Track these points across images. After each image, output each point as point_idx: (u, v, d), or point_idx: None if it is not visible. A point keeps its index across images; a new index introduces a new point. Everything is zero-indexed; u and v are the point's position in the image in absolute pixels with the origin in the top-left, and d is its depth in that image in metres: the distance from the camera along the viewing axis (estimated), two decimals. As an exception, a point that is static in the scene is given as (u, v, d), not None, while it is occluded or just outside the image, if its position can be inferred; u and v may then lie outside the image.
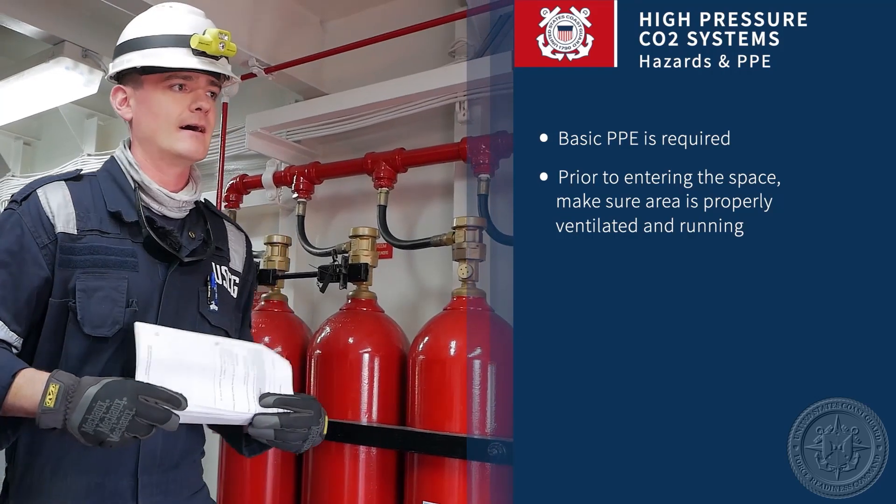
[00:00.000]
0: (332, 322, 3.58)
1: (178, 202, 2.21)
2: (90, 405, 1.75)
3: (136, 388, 1.79)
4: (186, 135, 2.16)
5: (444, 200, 4.05)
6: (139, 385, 1.81)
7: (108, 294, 2.04)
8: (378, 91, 3.88)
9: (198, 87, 2.17)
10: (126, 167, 2.19)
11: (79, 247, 2.05)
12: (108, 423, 1.74)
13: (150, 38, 2.16)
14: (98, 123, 6.24)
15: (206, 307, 2.22)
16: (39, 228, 2.04)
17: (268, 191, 4.42)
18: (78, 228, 2.07)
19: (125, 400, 1.76)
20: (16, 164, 6.80)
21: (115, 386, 1.79)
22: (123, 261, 2.08)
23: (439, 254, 3.87)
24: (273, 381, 2.06)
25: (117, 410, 1.75)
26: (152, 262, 2.13)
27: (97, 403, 1.75)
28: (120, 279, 2.06)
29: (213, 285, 2.26)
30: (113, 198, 2.14)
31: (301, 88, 4.51)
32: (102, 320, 2.02)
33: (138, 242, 2.11)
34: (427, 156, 3.81)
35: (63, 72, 4.69)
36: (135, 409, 1.76)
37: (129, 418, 1.75)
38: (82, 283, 2.02)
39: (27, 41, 4.71)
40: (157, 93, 2.15)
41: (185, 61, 2.13)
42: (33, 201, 2.08)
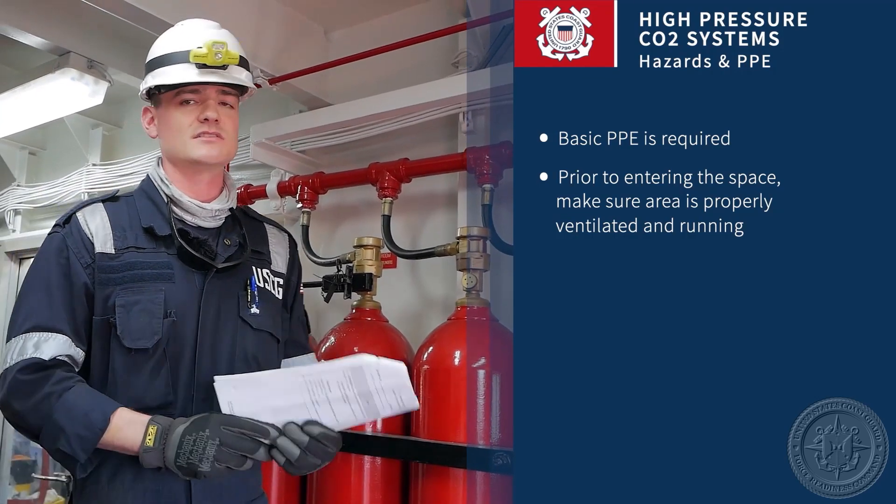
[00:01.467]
0: (336, 332, 3.58)
1: (210, 212, 2.27)
2: (180, 440, 1.92)
3: (219, 420, 1.94)
4: (199, 141, 2.21)
5: (447, 210, 4.05)
6: (222, 417, 1.95)
7: (145, 307, 2.11)
8: (382, 102, 3.89)
9: (207, 98, 2.22)
10: (158, 183, 2.27)
11: (116, 265, 2.14)
12: (197, 455, 1.90)
13: (161, 57, 2.24)
14: (103, 134, 6.24)
15: (247, 311, 2.27)
16: (82, 249, 2.15)
17: (272, 201, 4.41)
18: (115, 247, 2.16)
19: (208, 431, 1.91)
20: (21, 174, 6.80)
21: (200, 420, 1.95)
22: (159, 273, 2.16)
23: (443, 264, 3.87)
24: (381, 393, 2.01)
25: (202, 442, 1.90)
26: (189, 272, 2.20)
27: (186, 437, 1.91)
28: (157, 291, 2.14)
29: (253, 289, 2.31)
30: (147, 214, 2.23)
31: (305, 99, 4.51)
32: (141, 333, 2.10)
33: (173, 254, 2.19)
34: (431, 166, 3.81)
35: (69, 82, 4.72)
36: (218, 439, 1.90)
37: (215, 448, 1.90)
38: (121, 298, 2.11)
39: (33, 52, 4.73)
40: (171, 109, 2.23)
41: (184, 76, 2.19)
42: (74, 224, 2.19)
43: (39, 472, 6.14)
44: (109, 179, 5.84)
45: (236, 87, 2.27)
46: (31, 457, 6.29)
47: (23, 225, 6.75)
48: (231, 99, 2.27)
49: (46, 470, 6.05)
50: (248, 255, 2.32)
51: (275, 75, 4.16)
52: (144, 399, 2.08)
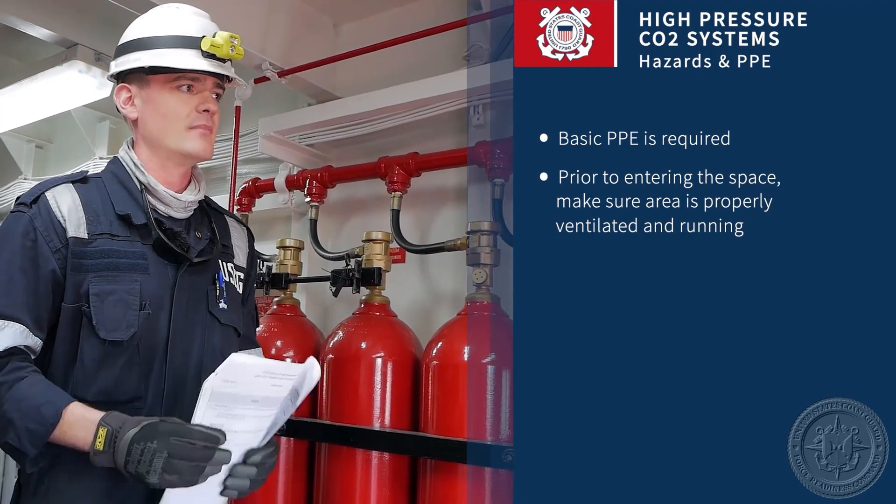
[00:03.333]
0: (344, 326, 3.58)
1: (183, 203, 2.21)
2: (128, 448, 1.81)
3: (168, 430, 1.82)
4: (196, 134, 2.16)
5: (457, 205, 4.05)
6: (171, 427, 1.84)
7: (121, 297, 2.04)
8: (391, 95, 3.89)
9: (205, 88, 2.18)
10: (132, 168, 2.18)
11: (90, 251, 2.05)
12: (144, 466, 1.79)
13: (159, 38, 2.16)
14: (110, 126, 6.26)
15: (216, 306, 2.23)
16: (52, 233, 2.04)
17: (280, 194, 4.43)
18: (88, 232, 2.06)
19: (155, 443, 1.80)
20: (28, 167, 6.83)
21: (149, 428, 1.83)
22: (134, 263, 2.08)
23: (453, 259, 3.87)
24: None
25: (149, 453, 1.79)
26: (162, 264, 2.13)
27: (134, 447, 1.80)
28: (132, 282, 2.06)
29: (221, 284, 2.26)
30: (120, 200, 2.14)
31: (314, 92, 4.51)
32: (117, 324, 2.02)
33: (147, 244, 2.11)
34: (441, 160, 3.82)
35: (76, 75, 4.72)
36: (166, 452, 1.79)
37: (163, 460, 1.79)
38: (95, 286, 2.02)
39: (40, 44, 4.74)
40: (164, 93, 2.15)
41: (196, 63, 2.14)
42: (43, 204, 2.07)
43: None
44: (116, 173, 5.82)
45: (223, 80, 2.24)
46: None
47: (29, 218, 6.73)
48: (221, 91, 2.26)
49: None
50: (220, 249, 2.29)
51: (284, 68, 4.16)
52: (115, 392, 2.02)
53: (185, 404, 2.04)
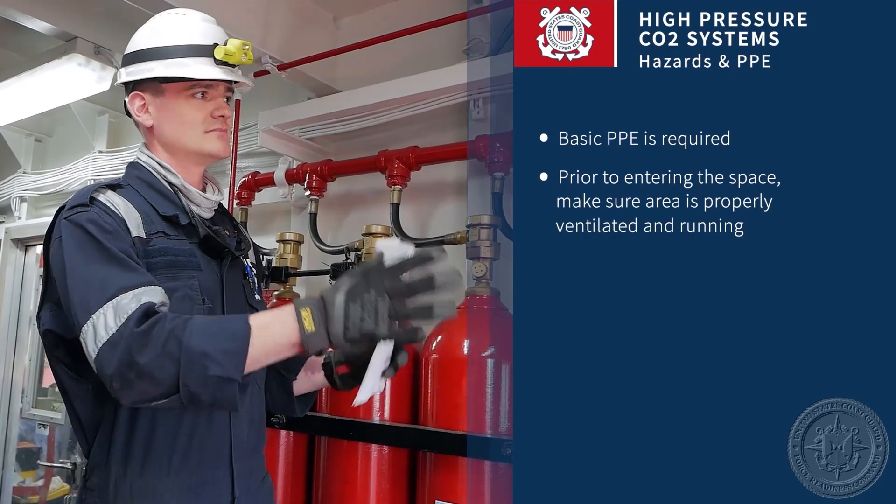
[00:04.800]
0: (345, 320, 3.55)
1: (210, 202, 2.31)
2: (345, 311, 1.77)
3: (377, 272, 1.80)
4: (214, 136, 2.24)
5: (457, 199, 4.03)
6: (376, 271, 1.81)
7: (185, 293, 2.08)
8: (391, 89, 3.87)
9: (218, 94, 2.26)
10: (160, 172, 2.24)
11: (151, 250, 2.08)
12: (369, 322, 1.77)
13: (171, 47, 2.22)
14: (110, 120, 6.25)
15: (254, 298, 2.34)
16: (120, 228, 2.02)
17: (280, 188, 4.41)
18: (146, 232, 2.10)
19: (372, 291, 1.78)
20: (27, 161, 6.81)
21: (357, 285, 1.80)
22: (189, 261, 2.14)
23: (452, 252, 3.83)
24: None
25: (371, 304, 1.77)
26: (208, 261, 2.20)
27: (351, 306, 1.77)
28: (191, 278, 2.12)
29: (251, 277, 2.36)
30: (160, 202, 2.19)
31: (314, 85, 4.49)
32: None
33: (194, 242, 2.18)
34: (441, 154, 3.80)
35: (75, 68, 4.69)
36: (386, 295, 1.77)
37: (388, 305, 1.77)
38: (160, 284, 2.01)
39: (39, 37, 4.71)
40: (179, 101, 2.22)
41: (211, 72, 2.20)
42: (100, 205, 2.04)
43: (45, 459, 6.14)
44: (116, 167, 5.84)
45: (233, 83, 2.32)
46: (36, 444, 6.30)
47: (28, 212, 6.77)
48: (231, 94, 2.32)
49: (51, 457, 6.05)
50: (248, 244, 2.39)
51: (283, 62, 4.14)
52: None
53: (245, 395, 2.09)
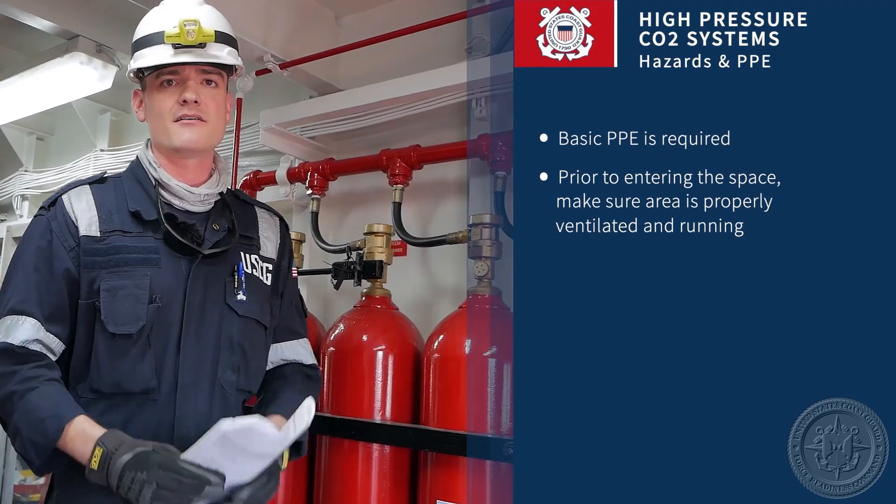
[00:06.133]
0: (346, 319, 3.57)
1: (199, 196, 2.25)
2: (120, 474, 1.85)
3: (159, 463, 1.86)
4: (180, 125, 2.18)
5: (459, 198, 4.03)
6: (164, 459, 1.87)
7: (130, 292, 2.09)
8: (393, 88, 3.86)
9: (187, 79, 2.18)
10: (147, 166, 2.24)
11: (102, 248, 2.12)
12: (134, 494, 1.83)
13: (141, 39, 2.22)
14: (111, 119, 6.27)
15: (233, 297, 2.24)
16: (66, 233, 2.13)
17: (281, 187, 4.42)
18: (101, 230, 2.14)
19: (145, 474, 1.84)
20: (29, 159, 6.83)
21: (142, 457, 1.87)
22: (146, 258, 2.13)
23: (454, 251, 3.85)
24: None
25: (139, 483, 1.83)
26: (175, 257, 2.17)
27: (125, 473, 1.85)
28: (142, 276, 2.11)
29: (240, 275, 2.27)
30: (134, 197, 2.20)
31: (316, 84, 4.49)
32: (125, 318, 2.08)
33: (160, 239, 2.16)
34: (442, 153, 3.80)
35: (77, 67, 4.70)
36: (155, 483, 1.83)
37: (152, 491, 1.82)
38: (106, 282, 2.09)
39: (41, 36, 4.72)
40: (153, 92, 2.20)
41: (158, 57, 2.16)
42: (59, 207, 2.17)
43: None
44: (117, 165, 5.79)
45: (221, 65, 2.24)
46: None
47: (30, 210, 6.76)
48: (215, 77, 2.24)
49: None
50: (237, 240, 2.29)
51: (285, 60, 4.15)
52: (127, 384, 2.07)
53: (199, 397, 2.10)
